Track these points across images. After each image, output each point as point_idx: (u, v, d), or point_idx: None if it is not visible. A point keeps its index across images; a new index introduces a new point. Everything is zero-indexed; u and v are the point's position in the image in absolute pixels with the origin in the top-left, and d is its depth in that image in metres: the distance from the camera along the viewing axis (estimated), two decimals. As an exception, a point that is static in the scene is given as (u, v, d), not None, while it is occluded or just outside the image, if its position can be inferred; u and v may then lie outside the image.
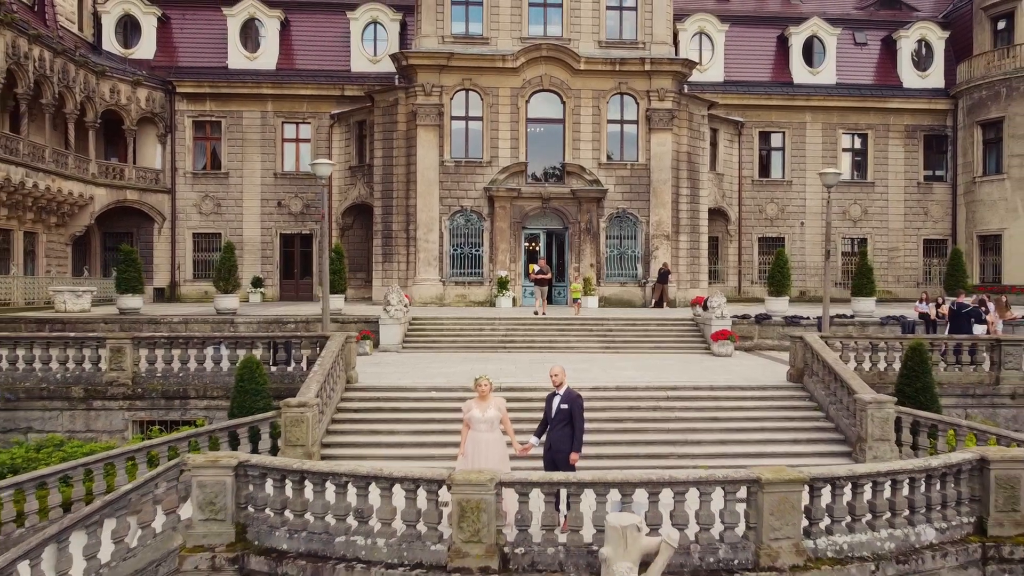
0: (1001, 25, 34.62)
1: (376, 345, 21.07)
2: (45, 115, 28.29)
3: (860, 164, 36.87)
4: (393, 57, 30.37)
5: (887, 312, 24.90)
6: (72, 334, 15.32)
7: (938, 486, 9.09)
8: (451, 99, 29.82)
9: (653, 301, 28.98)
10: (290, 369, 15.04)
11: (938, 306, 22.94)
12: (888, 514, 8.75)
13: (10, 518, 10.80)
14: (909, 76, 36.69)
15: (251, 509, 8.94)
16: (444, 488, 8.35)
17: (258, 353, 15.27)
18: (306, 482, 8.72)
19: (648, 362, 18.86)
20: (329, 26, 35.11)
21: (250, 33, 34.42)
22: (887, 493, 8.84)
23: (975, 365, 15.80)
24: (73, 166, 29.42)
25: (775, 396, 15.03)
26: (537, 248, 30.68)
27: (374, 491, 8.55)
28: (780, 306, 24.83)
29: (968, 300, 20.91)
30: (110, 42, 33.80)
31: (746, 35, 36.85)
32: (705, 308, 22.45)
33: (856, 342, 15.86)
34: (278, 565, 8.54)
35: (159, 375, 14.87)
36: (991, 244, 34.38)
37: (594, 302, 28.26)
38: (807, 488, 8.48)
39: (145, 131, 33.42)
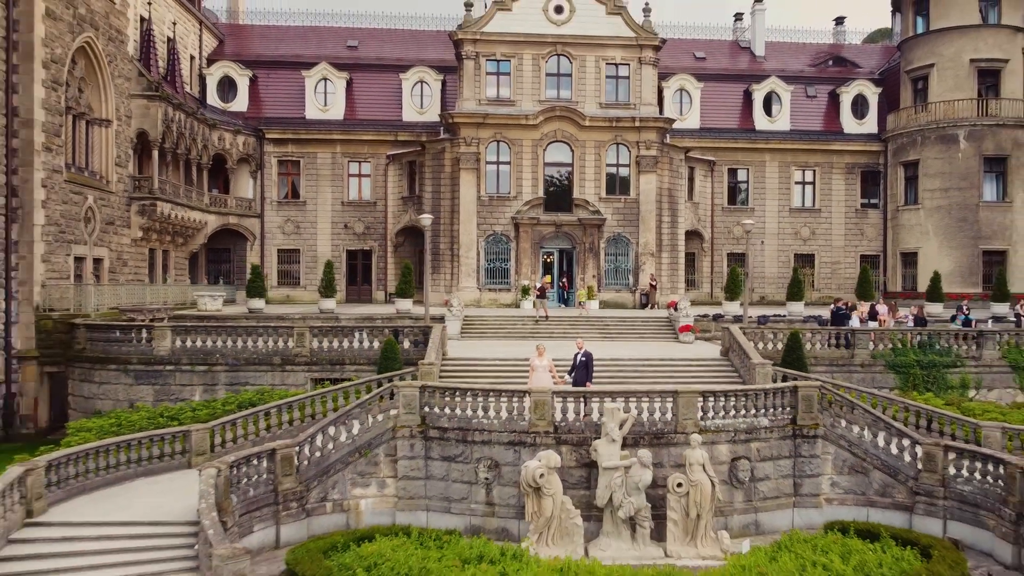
0: (920, 86, 43.61)
1: (442, 335, 29.85)
2: (179, 161, 37.25)
3: (809, 195, 45.77)
4: (441, 116, 39.43)
5: (810, 313, 33.71)
6: (273, 324, 24.34)
7: (772, 398, 17.98)
8: (486, 148, 38.77)
9: (651, 304, 37.63)
10: (405, 347, 23.90)
11: (845, 308, 31.78)
12: (743, 411, 17.63)
13: (274, 424, 19.72)
14: (849, 123, 45.66)
15: (427, 408, 17.79)
16: (527, 396, 17.24)
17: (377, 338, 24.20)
18: (456, 394, 17.62)
19: (633, 346, 27.75)
20: (385, 84, 44.03)
21: (322, 90, 43.31)
22: (744, 400, 17.71)
23: (839, 346, 24.74)
24: (195, 199, 38.34)
25: (710, 364, 23.96)
26: (551, 261, 39.60)
27: (491, 398, 17.43)
28: (733, 308, 33.65)
29: (856, 306, 29.79)
30: (212, 97, 42.74)
31: (717, 90, 45.79)
32: (676, 309, 31.32)
33: (763, 331, 24.78)
34: (443, 433, 17.43)
35: (325, 350, 23.79)
36: (910, 259, 43.33)
37: (595, 304, 37.08)
38: (701, 397, 17.39)
39: (240, 168, 42.32)
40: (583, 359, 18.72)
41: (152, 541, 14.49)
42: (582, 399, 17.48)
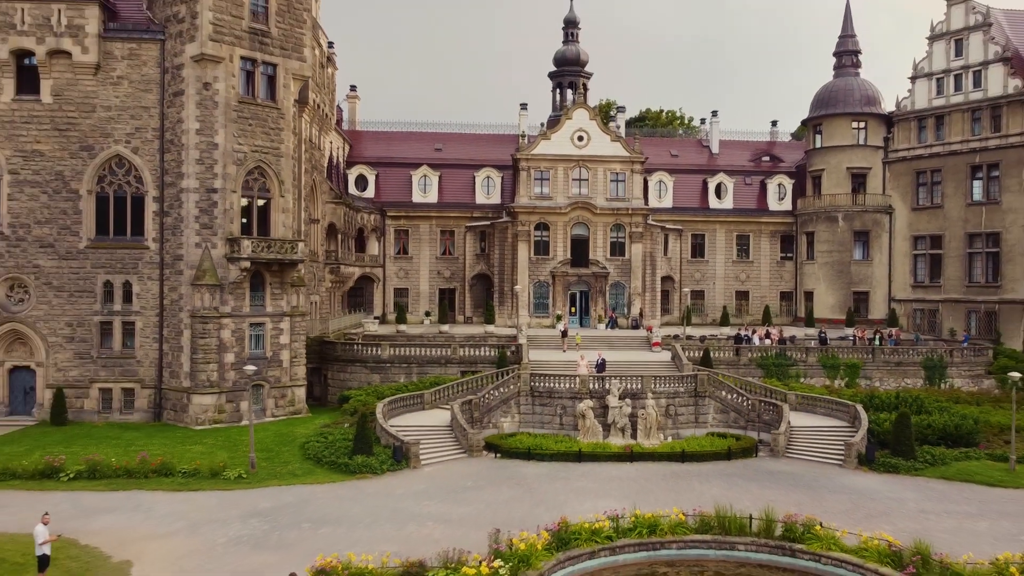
0: (816, 182, 66.01)
1: (516, 347, 52.07)
2: (344, 237, 59.57)
3: (746, 251, 68.07)
4: (504, 206, 61.87)
5: (733, 333, 55.85)
6: (436, 341, 46.61)
7: (686, 379, 40.31)
8: (533, 227, 61.09)
9: (641, 326, 59.95)
10: (507, 354, 46.14)
11: (752, 332, 54.03)
12: (673, 385, 39.95)
13: (455, 392, 42.14)
14: (773, 203, 68.03)
15: (532, 383, 40.10)
16: (577, 378, 39.61)
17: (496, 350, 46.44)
18: (546, 376, 40.00)
19: (626, 353, 49.93)
20: (463, 178, 66.38)
21: (423, 183, 65.62)
22: (673, 380, 40.04)
23: (734, 355, 47.08)
24: (349, 258, 60.66)
25: (664, 364, 46.25)
26: (575, 293, 61.76)
27: (562, 378, 39.81)
28: (688, 330, 55.87)
29: (749, 331, 52.04)
30: (352, 187, 65.09)
31: (685, 180, 68.15)
32: (651, 332, 53.54)
33: (695, 345, 47.06)
34: (540, 394, 39.75)
35: (467, 355, 46.10)
36: (809, 296, 65.69)
37: (603, 327, 59.35)
38: (654, 378, 39.80)
39: (370, 235, 64.61)
40: (601, 360, 41.16)
41: (429, 431, 36.74)
42: (601, 379, 39.78)
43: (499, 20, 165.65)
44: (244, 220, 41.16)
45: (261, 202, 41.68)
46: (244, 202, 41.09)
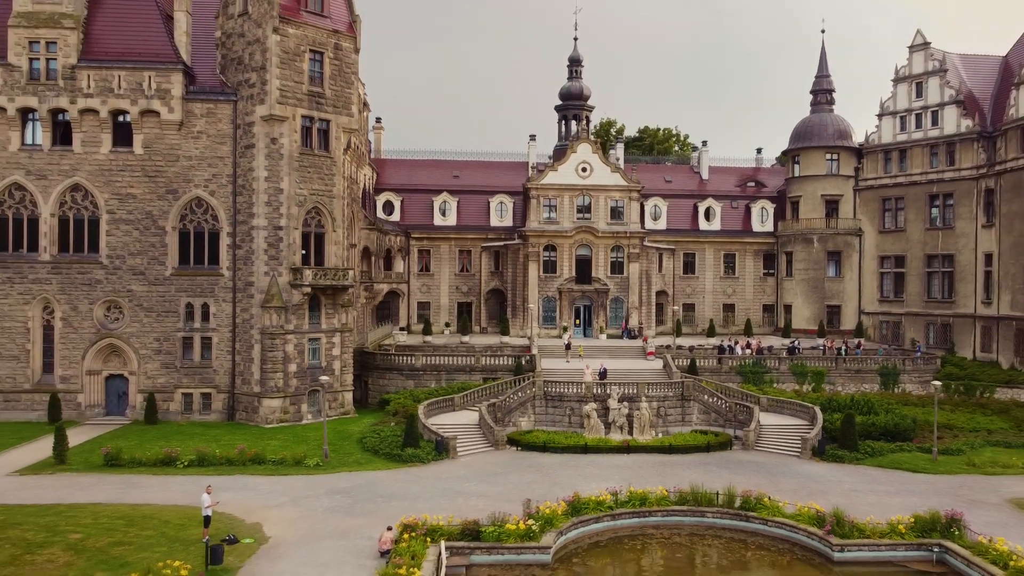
0: (795, 207, 73.80)
1: (529, 356, 59.81)
2: (375, 258, 67.37)
3: (732, 268, 75.87)
4: (516, 230, 69.68)
5: (718, 343, 63.60)
6: (460, 351, 54.39)
7: (675, 385, 48.12)
8: (542, 248, 68.89)
9: (639, 337, 67.79)
10: (523, 363, 53.92)
11: (735, 342, 61.79)
12: (663, 389, 47.75)
13: (481, 395, 50.03)
14: (756, 225, 75.83)
15: (545, 388, 47.89)
16: (583, 384, 47.42)
17: (512, 359, 54.21)
18: (557, 383, 47.80)
19: (624, 361, 57.64)
20: (479, 203, 74.17)
21: (443, 208, 73.41)
22: (664, 386, 47.83)
23: (717, 363, 54.83)
24: (379, 276, 68.44)
25: (657, 371, 54.03)
26: (579, 307, 69.53)
27: (570, 384, 47.62)
28: (678, 341, 63.63)
29: (732, 341, 59.82)
30: (380, 211, 72.86)
31: (678, 204, 75.97)
32: (646, 342, 61.32)
33: (684, 354, 54.80)
34: (552, 397, 47.56)
35: (488, 363, 53.88)
36: (788, 309, 73.48)
37: (604, 337, 67.11)
38: (647, 384, 47.60)
39: (397, 254, 72.36)
40: (603, 369, 48.98)
41: (462, 429, 44.46)
42: (603, 385, 47.54)
43: (505, 32, 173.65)
44: (303, 251, 48.94)
45: (317, 236, 49.47)
46: (303, 236, 48.85)
